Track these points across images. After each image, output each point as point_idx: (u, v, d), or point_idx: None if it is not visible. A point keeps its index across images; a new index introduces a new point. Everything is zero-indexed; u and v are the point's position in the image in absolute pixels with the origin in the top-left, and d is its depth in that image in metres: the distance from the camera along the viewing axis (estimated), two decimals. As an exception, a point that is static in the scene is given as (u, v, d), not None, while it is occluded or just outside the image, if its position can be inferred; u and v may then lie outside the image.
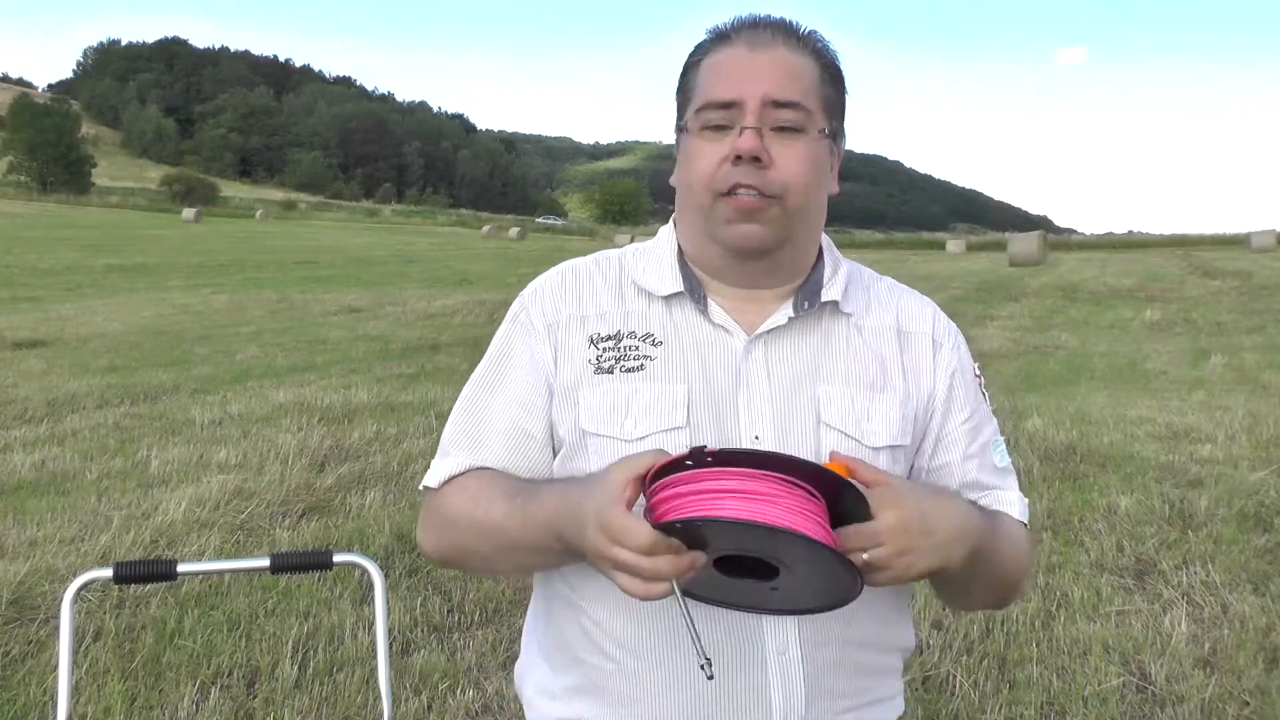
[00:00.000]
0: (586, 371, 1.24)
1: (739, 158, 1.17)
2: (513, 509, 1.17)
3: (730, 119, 1.19)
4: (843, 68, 1.28)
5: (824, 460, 1.17)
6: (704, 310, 1.25)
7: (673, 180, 1.28)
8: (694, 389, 1.22)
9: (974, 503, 1.23)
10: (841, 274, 1.30)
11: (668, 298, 1.26)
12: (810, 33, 1.25)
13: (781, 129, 1.19)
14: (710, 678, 1.04)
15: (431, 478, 1.29)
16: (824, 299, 1.26)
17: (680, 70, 1.28)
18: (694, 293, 1.26)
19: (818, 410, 1.22)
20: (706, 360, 1.24)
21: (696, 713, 1.20)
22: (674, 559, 1.00)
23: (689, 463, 1.01)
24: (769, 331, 1.24)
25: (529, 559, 1.22)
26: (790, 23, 1.25)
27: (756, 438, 1.21)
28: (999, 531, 1.23)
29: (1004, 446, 1.35)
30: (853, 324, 1.28)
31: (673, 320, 1.26)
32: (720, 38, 1.24)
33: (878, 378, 1.26)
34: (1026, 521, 1.31)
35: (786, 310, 1.25)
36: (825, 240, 1.32)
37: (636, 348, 1.24)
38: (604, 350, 1.24)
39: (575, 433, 1.23)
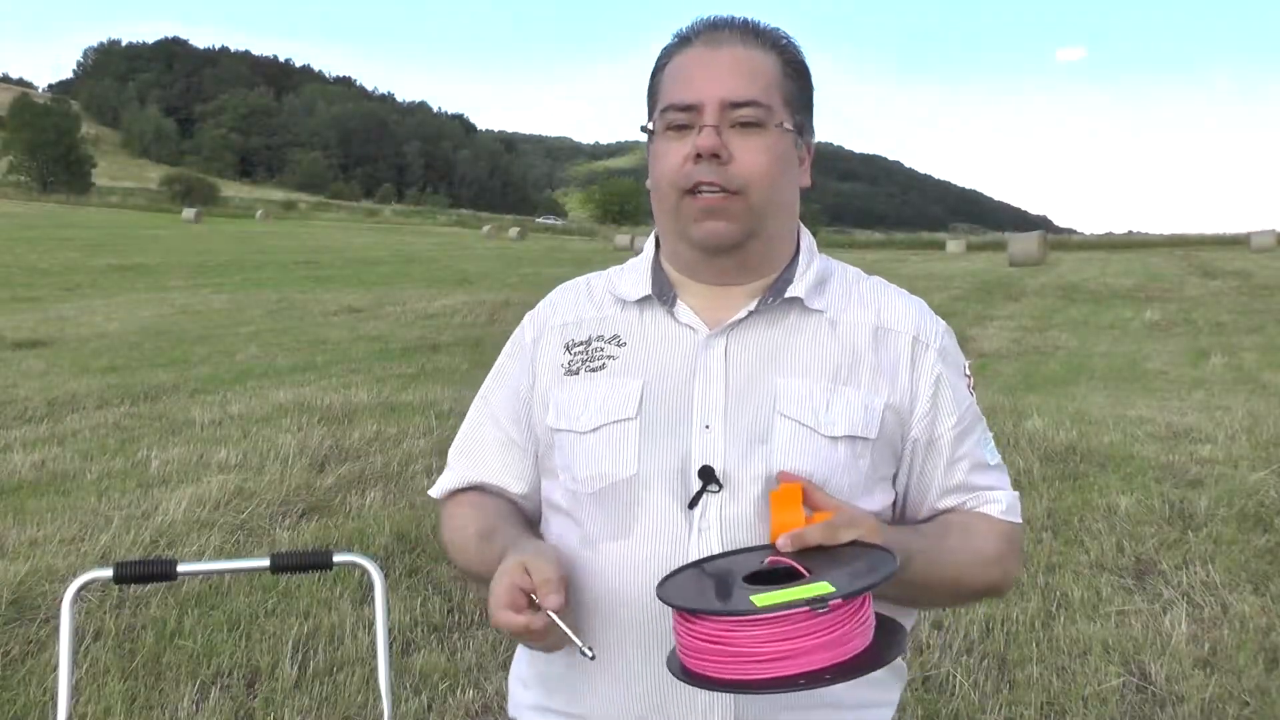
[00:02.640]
0: (558, 375, 1.31)
1: (699, 156, 1.20)
2: (480, 548, 1.28)
3: (692, 120, 1.22)
4: (808, 63, 1.30)
5: (775, 486, 1.20)
6: (671, 311, 1.28)
7: (648, 183, 1.31)
8: (649, 382, 1.25)
9: (921, 528, 1.28)
10: (813, 271, 1.30)
11: (639, 301, 1.31)
12: (771, 29, 1.27)
13: (742, 125, 1.21)
14: (592, 658, 1.12)
15: (435, 489, 1.42)
16: (789, 294, 1.27)
17: (649, 76, 1.31)
18: (663, 295, 1.29)
19: (774, 400, 1.23)
20: (666, 355, 1.27)
21: (634, 698, 1.23)
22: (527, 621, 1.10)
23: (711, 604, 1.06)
24: (731, 326, 1.26)
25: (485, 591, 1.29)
26: (750, 21, 1.27)
27: (707, 426, 1.22)
28: (942, 549, 1.25)
29: (993, 442, 1.36)
30: (825, 320, 1.28)
31: (640, 322, 1.30)
32: (681, 41, 1.28)
33: (843, 370, 1.26)
34: (1016, 519, 1.32)
35: (750, 305, 1.27)
36: (807, 238, 1.33)
37: (602, 349, 1.29)
38: (575, 354, 1.31)
39: (547, 433, 1.30)
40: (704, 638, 1.02)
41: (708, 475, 1.20)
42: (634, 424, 1.23)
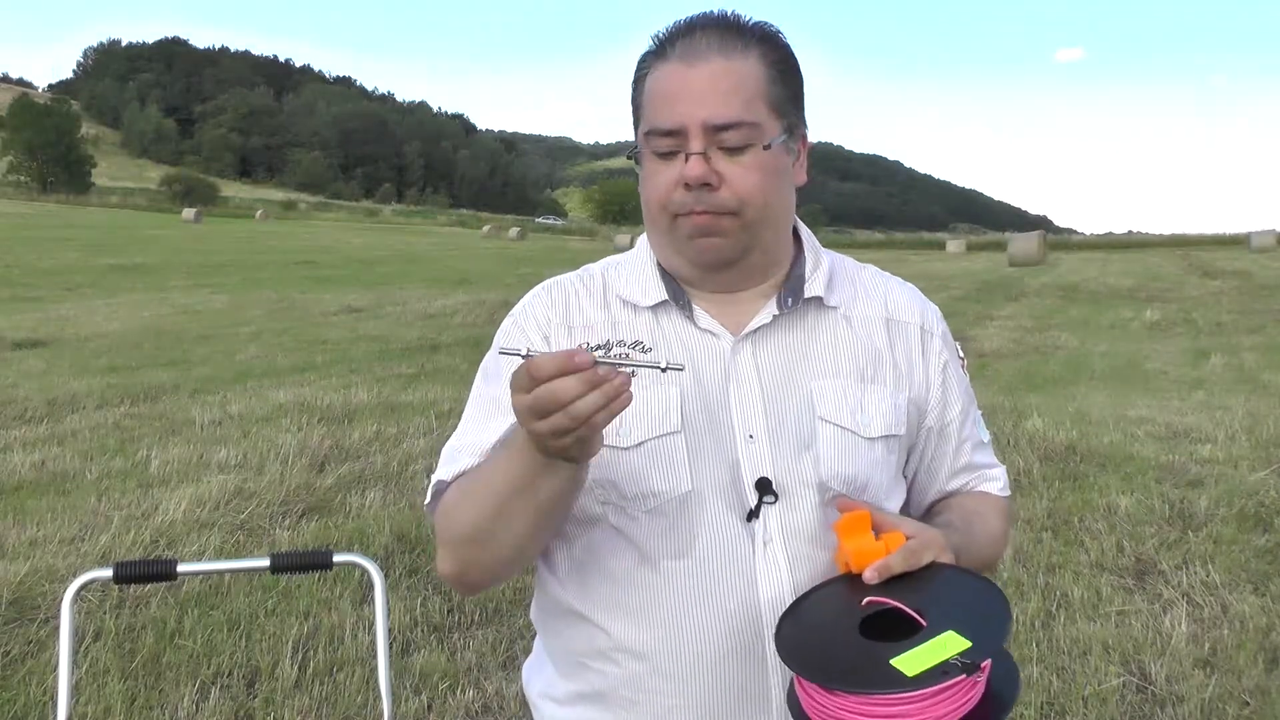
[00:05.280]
0: None
1: (689, 185, 1.17)
2: (494, 460, 1.17)
3: (677, 144, 1.18)
4: (794, 55, 1.24)
5: (829, 497, 1.21)
6: (690, 316, 1.26)
7: (640, 188, 1.28)
8: (686, 392, 1.22)
9: (951, 522, 1.27)
10: (824, 268, 1.30)
11: (653, 307, 1.27)
12: (754, 26, 1.21)
13: (730, 147, 1.17)
14: (680, 369, 1.07)
15: (435, 482, 1.27)
16: (807, 294, 1.27)
17: (630, 84, 1.25)
18: (678, 299, 1.26)
19: (812, 405, 1.23)
20: (696, 363, 1.24)
21: (699, 714, 1.20)
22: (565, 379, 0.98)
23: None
24: (755, 331, 1.25)
25: (521, 505, 1.12)
26: (729, 22, 1.20)
27: (751, 436, 1.21)
28: (974, 539, 1.27)
29: (981, 418, 1.39)
30: (840, 316, 1.29)
31: (660, 327, 1.26)
32: (659, 51, 1.21)
33: (869, 368, 1.27)
34: (1008, 493, 1.39)
35: (771, 308, 1.25)
36: (805, 233, 1.32)
37: (626, 355, 1.23)
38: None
39: None
40: (850, 710, 0.99)
41: (764, 486, 1.20)
42: (680, 437, 1.20)
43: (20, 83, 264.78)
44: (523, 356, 1.01)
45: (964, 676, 0.97)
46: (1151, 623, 3.79)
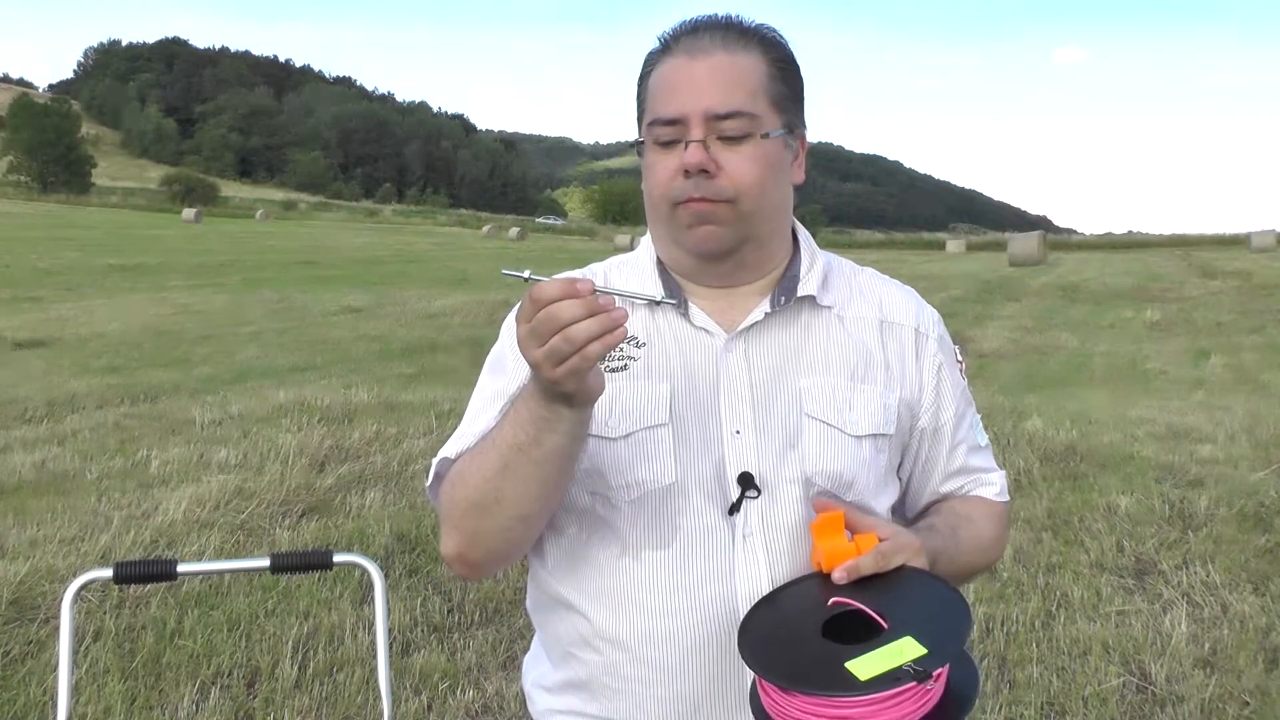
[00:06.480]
0: None
1: (688, 171, 1.20)
2: (501, 422, 1.17)
3: (678, 133, 1.21)
4: (795, 56, 1.27)
5: (813, 490, 1.22)
6: (685, 314, 1.28)
7: (643, 185, 1.31)
8: (676, 387, 1.24)
9: (934, 525, 1.29)
10: (819, 267, 1.31)
11: (650, 304, 1.28)
12: (756, 27, 1.25)
13: (729, 136, 1.20)
14: (676, 303, 1.22)
15: (431, 474, 1.30)
16: (800, 293, 1.28)
17: (635, 82, 1.29)
18: (674, 297, 1.28)
19: (800, 402, 1.24)
20: (688, 359, 1.26)
21: (676, 703, 1.23)
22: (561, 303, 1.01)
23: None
24: (748, 328, 1.26)
25: (524, 462, 1.13)
26: (733, 21, 1.25)
27: (737, 432, 1.23)
28: (958, 543, 1.28)
29: (980, 422, 1.40)
30: (834, 315, 1.30)
31: (656, 324, 1.28)
32: (664, 48, 1.26)
33: (859, 367, 1.28)
34: (1007, 498, 1.39)
35: (764, 306, 1.27)
36: (803, 233, 1.34)
37: (620, 349, 1.25)
38: None
39: None
40: (804, 711, 1.01)
41: (747, 481, 1.21)
42: (667, 430, 1.23)
43: (20, 83, 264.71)
44: (524, 279, 1.05)
45: (915, 683, 0.99)
46: (1151, 623, 3.79)
